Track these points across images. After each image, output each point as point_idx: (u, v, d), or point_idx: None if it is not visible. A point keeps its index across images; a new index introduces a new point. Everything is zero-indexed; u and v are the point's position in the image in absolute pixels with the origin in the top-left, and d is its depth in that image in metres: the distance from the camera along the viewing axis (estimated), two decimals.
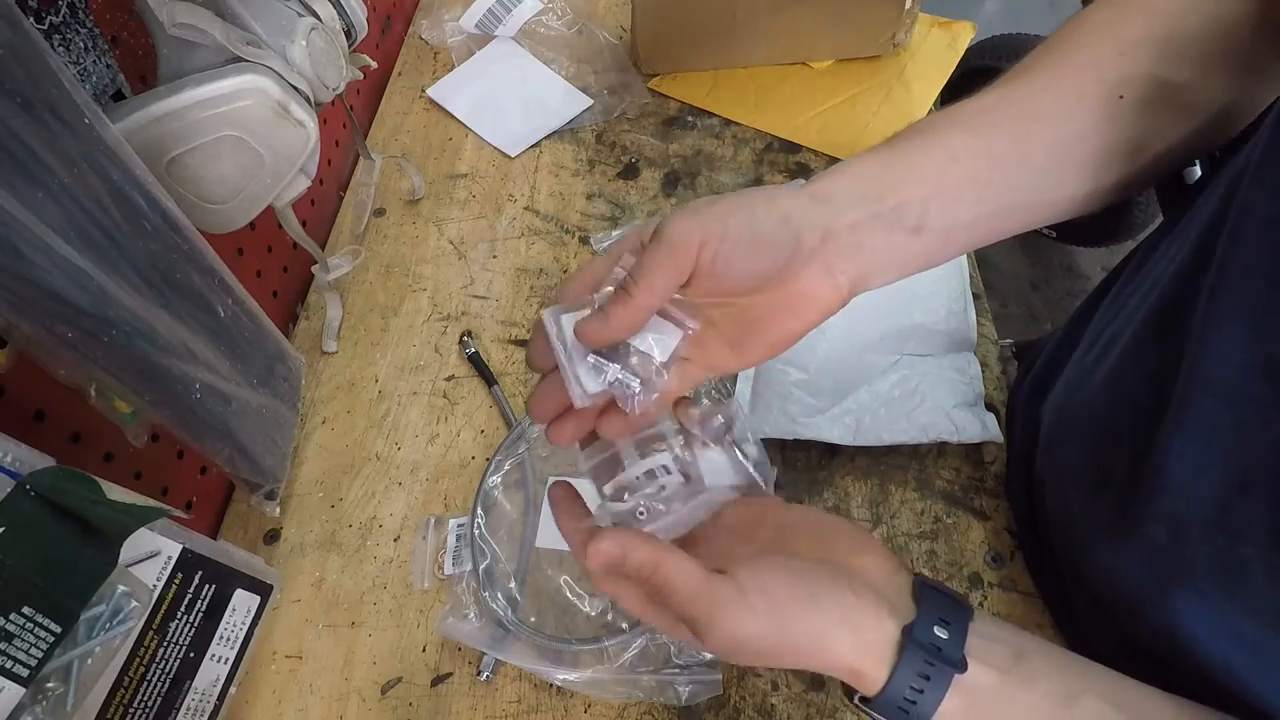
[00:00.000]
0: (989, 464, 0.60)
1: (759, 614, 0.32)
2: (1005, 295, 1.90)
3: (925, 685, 0.32)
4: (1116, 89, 0.40)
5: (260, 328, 0.56)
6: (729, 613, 0.32)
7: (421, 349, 0.70)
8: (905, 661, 0.32)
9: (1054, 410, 0.52)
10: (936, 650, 0.32)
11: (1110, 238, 1.82)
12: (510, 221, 0.79)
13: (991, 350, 0.66)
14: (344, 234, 0.78)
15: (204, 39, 0.46)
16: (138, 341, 0.41)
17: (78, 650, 0.35)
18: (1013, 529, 0.57)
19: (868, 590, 0.34)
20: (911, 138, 0.39)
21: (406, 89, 0.92)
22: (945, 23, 0.93)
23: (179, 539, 0.45)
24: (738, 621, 0.32)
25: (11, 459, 0.34)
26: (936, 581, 0.36)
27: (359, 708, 0.52)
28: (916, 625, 0.33)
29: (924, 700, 0.32)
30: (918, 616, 0.33)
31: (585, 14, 0.94)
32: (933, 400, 0.60)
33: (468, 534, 0.58)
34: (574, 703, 0.52)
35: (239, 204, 0.52)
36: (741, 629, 0.32)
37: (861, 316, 0.65)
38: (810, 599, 0.33)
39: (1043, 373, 0.56)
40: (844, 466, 0.61)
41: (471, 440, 0.64)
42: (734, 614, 0.32)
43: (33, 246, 0.34)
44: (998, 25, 1.69)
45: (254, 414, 0.54)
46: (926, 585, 0.35)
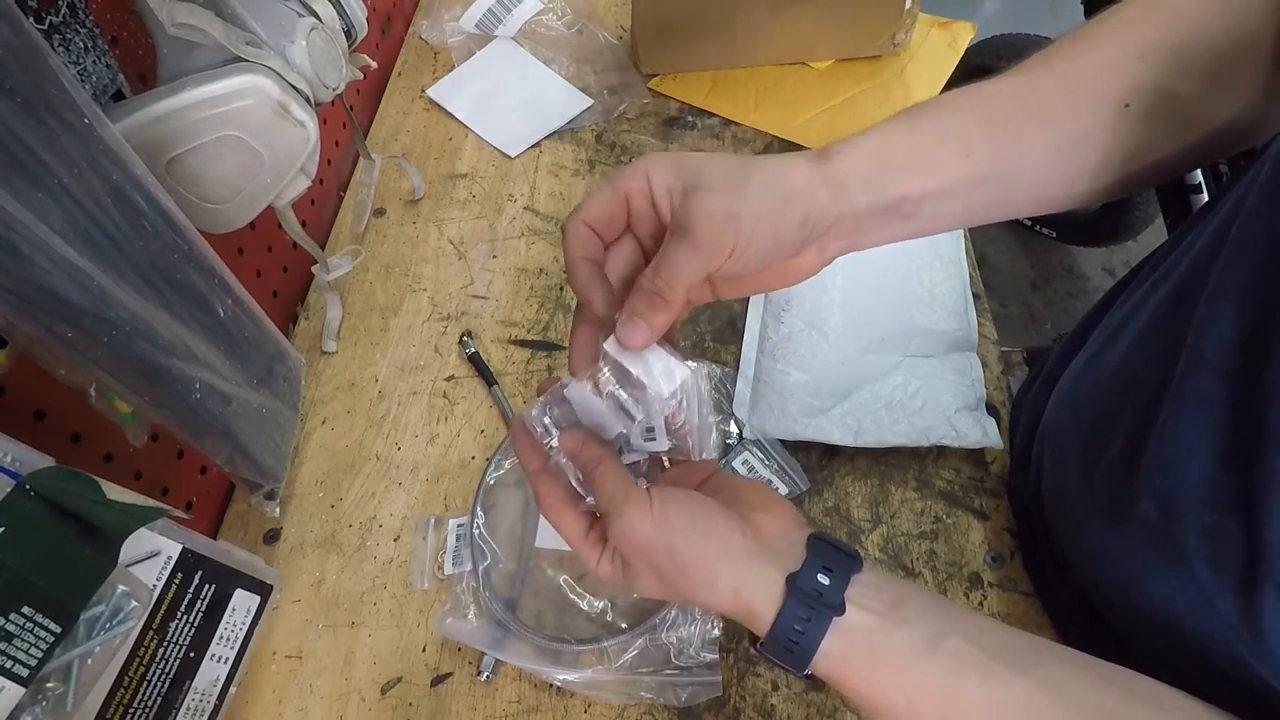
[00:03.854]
0: (989, 464, 0.60)
1: (654, 521, 0.36)
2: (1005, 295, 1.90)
3: (806, 626, 0.35)
4: (1125, 96, 0.41)
5: (260, 328, 0.56)
6: (632, 511, 0.36)
7: (421, 349, 0.70)
8: (789, 605, 0.35)
9: (1058, 398, 0.52)
10: (818, 595, 0.35)
11: (1110, 238, 1.82)
12: (510, 221, 0.79)
13: (992, 350, 0.66)
14: (344, 234, 0.78)
15: (204, 39, 0.46)
16: (138, 341, 0.41)
17: (78, 650, 0.35)
18: (1013, 529, 0.57)
19: (759, 540, 0.38)
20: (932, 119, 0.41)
21: (406, 89, 0.92)
22: (945, 23, 0.93)
23: (179, 539, 0.45)
24: (638, 521, 0.36)
25: (11, 459, 0.34)
26: (833, 538, 0.38)
27: (359, 708, 0.52)
28: (801, 574, 0.36)
29: (805, 640, 0.35)
30: (803, 566, 0.36)
31: (585, 14, 0.94)
32: (934, 403, 0.60)
33: (468, 534, 0.58)
34: (574, 703, 0.52)
35: (239, 204, 0.52)
36: (638, 529, 0.36)
37: (863, 318, 0.65)
38: (700, 527, 0.37)
39: (1053, 369, 0.56)
40: (844, 466, 0.61)
41: (471, 440, 0.64)
42: (636, 514, 0.36)
43: (33, 247, 0.34)
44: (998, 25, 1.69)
45: (254, 414, 0.54)
46: (819, 540, 0.38)
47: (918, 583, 0.55)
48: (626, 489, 0.37)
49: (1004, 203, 0.43)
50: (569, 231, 0.39)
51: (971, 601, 0.54)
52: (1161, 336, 0.40)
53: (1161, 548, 0.38)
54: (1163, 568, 0.38)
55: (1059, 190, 0.43)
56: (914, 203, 0.40)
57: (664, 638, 0.52)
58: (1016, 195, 0.43)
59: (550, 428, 0.40)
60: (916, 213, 0.40)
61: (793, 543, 0.38)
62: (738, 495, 0.40)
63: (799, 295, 0.67)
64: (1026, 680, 0.34)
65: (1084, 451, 0.46)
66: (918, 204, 0.40)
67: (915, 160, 0.40)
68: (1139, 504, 0.39)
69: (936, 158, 0.40)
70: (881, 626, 0.35)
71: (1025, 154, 0.41)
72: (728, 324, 0.70)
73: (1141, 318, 0.44)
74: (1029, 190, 0.43)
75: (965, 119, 0.41)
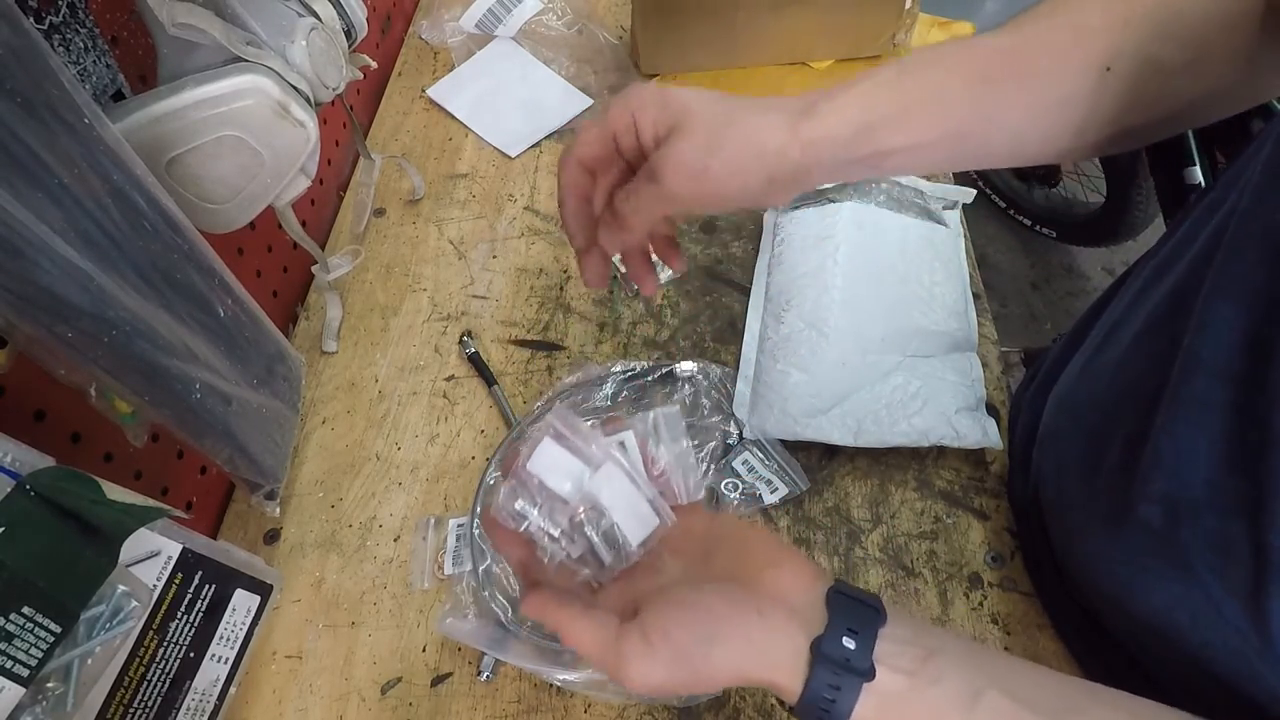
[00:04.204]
0: (989, 464, 0.60)
1: (664, 659, 0.34)
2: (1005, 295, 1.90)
3: (837, 695, 0.33)
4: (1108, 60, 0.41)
5: (260, 328, 0.56)
6: (637, 664, 0.34)
7: (421, 349, 0.70)
8: (816, 675, 0.33)
9: (1056, 401, 0.52)
10: (845, 661, 0.33)
11: (1110, 238, 1.82)
12: (510, 221, 0.79)
13: (991, 350, 0.66)
14: (344, 234, 0.78)
15: (204, 39, 0.46)
16: (138, 341, 0.41)
17: (78, 650, 0.35)
18: (1013, 529, 0.57)
19: (777, 608, 0.35)
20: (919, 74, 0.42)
21: (406, 89, 0.92)
22: (945, 23, 0.93)
23: (179, 539, 0.45)
24: (648, 670, 0.34)
25: (11, 459, 0.34)
26: (851, 588, 0.37)
27: (359, 708, 0.52)
28: (825, 639, 0.34)
29: (837, 708, 0.33)
30: (826, 629, 0.34)
31: (585, 14, 0.94)
32: (934, 403, 0.60)
33: (468, 534, 0.58)
34: (574, 703, 0.52)
35: (239, 204, 0.52)
36: (651, 676, 0.34)
37: (863, 318, 0.65)
38: (712, 637, 0.34)
39: (1051, 369, 0.56)
40: (844, 466, 0.61)
41: (471, 440, 0.64)
42: (642, 664, 0.34)
43: (33, 247, 0.34)
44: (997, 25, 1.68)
45: (254, 414, 0.54)
46: (840, 593, 0.36)
47: (917, 582, 0.55)
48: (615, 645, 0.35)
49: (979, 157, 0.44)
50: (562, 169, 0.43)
51: (971, 601, 0.54)
52: (1159, 337, 0.40)
53: (1164, 553, 0.38)
54: (1165, 573, 0.38)
55: (1037, 148, 0.44)
56: (884, 155, 0.41)
57: None
58: (993, 150, 0.44)
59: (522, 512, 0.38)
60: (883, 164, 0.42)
61: (812, 602, 0.36)
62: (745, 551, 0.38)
63: (799, 295, 0.67)
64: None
65: (1083, 455, 0.46)
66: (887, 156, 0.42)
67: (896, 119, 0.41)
68: (1140, 508, 0.38)
69: (920, 114, 0.42)
70: (914, 685, 0.34)
71: (1005, 113, 0.42)
72: (728, 324, 0.70)
73: (1138, 318, 0.44)
74: (1006, 146, 0.44)
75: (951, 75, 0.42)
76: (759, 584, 0.36)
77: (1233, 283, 0.34)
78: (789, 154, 0.40)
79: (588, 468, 0.38)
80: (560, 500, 0.38)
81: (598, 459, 0.38)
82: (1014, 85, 0.42)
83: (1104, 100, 0.42)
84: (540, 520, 0.38)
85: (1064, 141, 0.44)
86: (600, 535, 0.38)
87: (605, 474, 0.38)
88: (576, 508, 0.38)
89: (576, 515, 0.38)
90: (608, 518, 0.38)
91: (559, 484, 0.38)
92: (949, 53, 0.43)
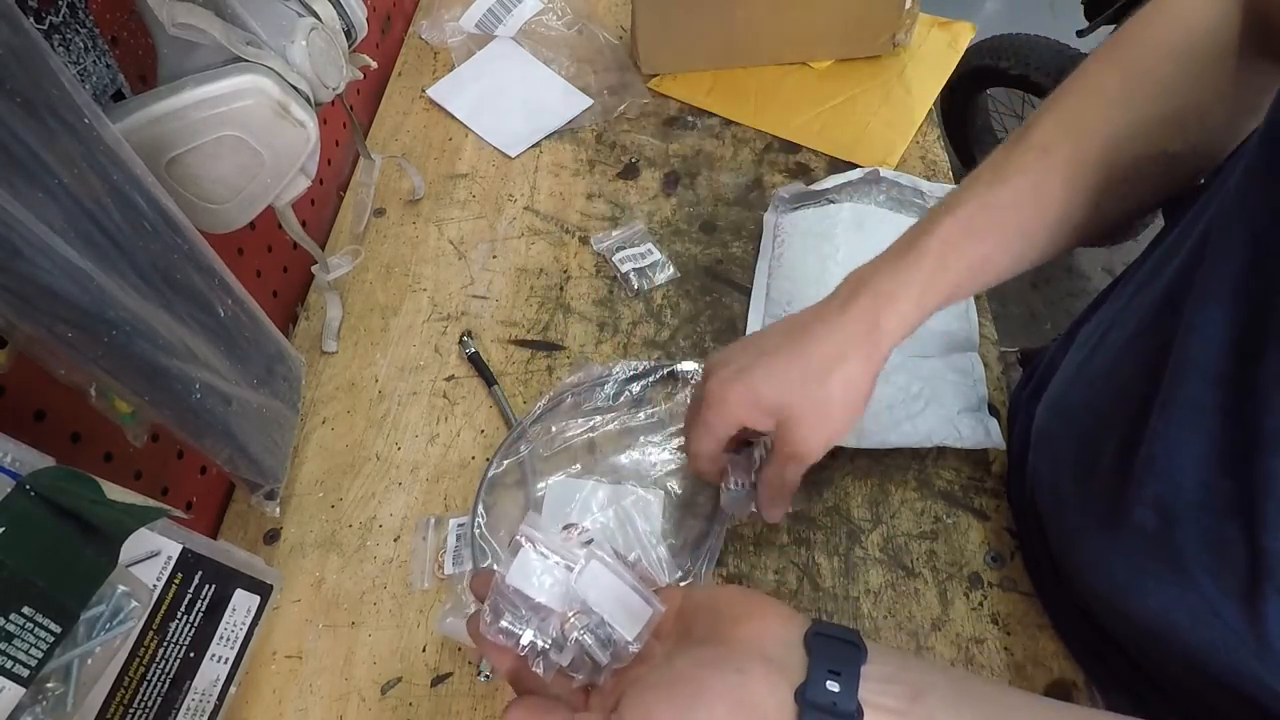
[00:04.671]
0: (989, 464, 0.60)
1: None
2: (1005, 295, 1.90)
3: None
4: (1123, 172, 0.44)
5: (260, 328, 0.56)
6: None
7: (421, 349, 0.70)
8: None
9: (1050, 404, 0.52)
10: (831, 705, 0.32)
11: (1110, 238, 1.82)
12: (510, 221, 0.79)
13: (992, 350, 0.66)
14: (344, 234, 0.78)
15: (204, 39, 0.46)
16: (138, 341, 0.41)
17: (78, 650, 0.35)
18: (1013, 529, 0.57)
19: (755, 662, 0.34)
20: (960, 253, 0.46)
21: (406, 89, 0.92)
22: (945, 23, 0.93)
23: (179, 539, 0.45)
24: None
25: (11, 459, 0.34)
26: (828, 626, 0.36)
27: (359, 708, 0.52)
28: (808, 686, 0.33)
29: None
30: (808, 676, 0.33)
31: (585, 14, 0.94)
32: (937, 404, 0.60)
33: (468, 534, 0.58)
34: None
35: (239, 204, 0.52)
36: None
37: None
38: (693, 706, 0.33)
39: (1044, 373, 0.56)
40: (844, 466, 0.61)
41: (471, 440, 0.64)
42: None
43: (33, 246, 0.34)
44: (998, 25, 1.69)
45: (254, 414, 0.54)
46: (818, 635, 0.35)
47: (917, 582, 0.55)
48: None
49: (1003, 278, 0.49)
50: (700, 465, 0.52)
51: (971, 601, 0.54)
52: (1150, 341, 0.40)
53: (1160, 555, 0.38)
54: (1162, 576, 0.38)
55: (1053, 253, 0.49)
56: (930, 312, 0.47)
57: None
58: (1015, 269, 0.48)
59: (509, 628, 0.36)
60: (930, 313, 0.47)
61: (789, 647, 0.35)
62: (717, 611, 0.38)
63: (800, 296, 0.67)
64: None
65: (1077, 459, 0.46)
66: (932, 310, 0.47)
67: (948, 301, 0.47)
68: (1135, 512, 0.39)
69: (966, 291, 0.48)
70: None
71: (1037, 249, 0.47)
72: (728, 324, 0.70)
73: (1130, 322, 0.44)
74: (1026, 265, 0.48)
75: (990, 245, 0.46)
76: (734, 640, 0.35)
77: (1220, 285, 0.34)
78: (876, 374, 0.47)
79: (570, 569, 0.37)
80: (546, 610, 0.36)
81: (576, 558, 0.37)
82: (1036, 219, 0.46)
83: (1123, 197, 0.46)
84: (530, 635, 0.36)
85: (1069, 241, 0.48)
86: (593, 637, 0.36)
87: (590, 572, 0.37)
88: (565, 613, 0.36)
89: (566, 620, 0.36)
90: (597, 616, 0.36)
91: (541, 593, 0.36)
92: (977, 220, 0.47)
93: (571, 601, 0.36)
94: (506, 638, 0.36)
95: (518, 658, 0.37)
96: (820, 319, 0.47)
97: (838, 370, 0.46)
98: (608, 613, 0.36)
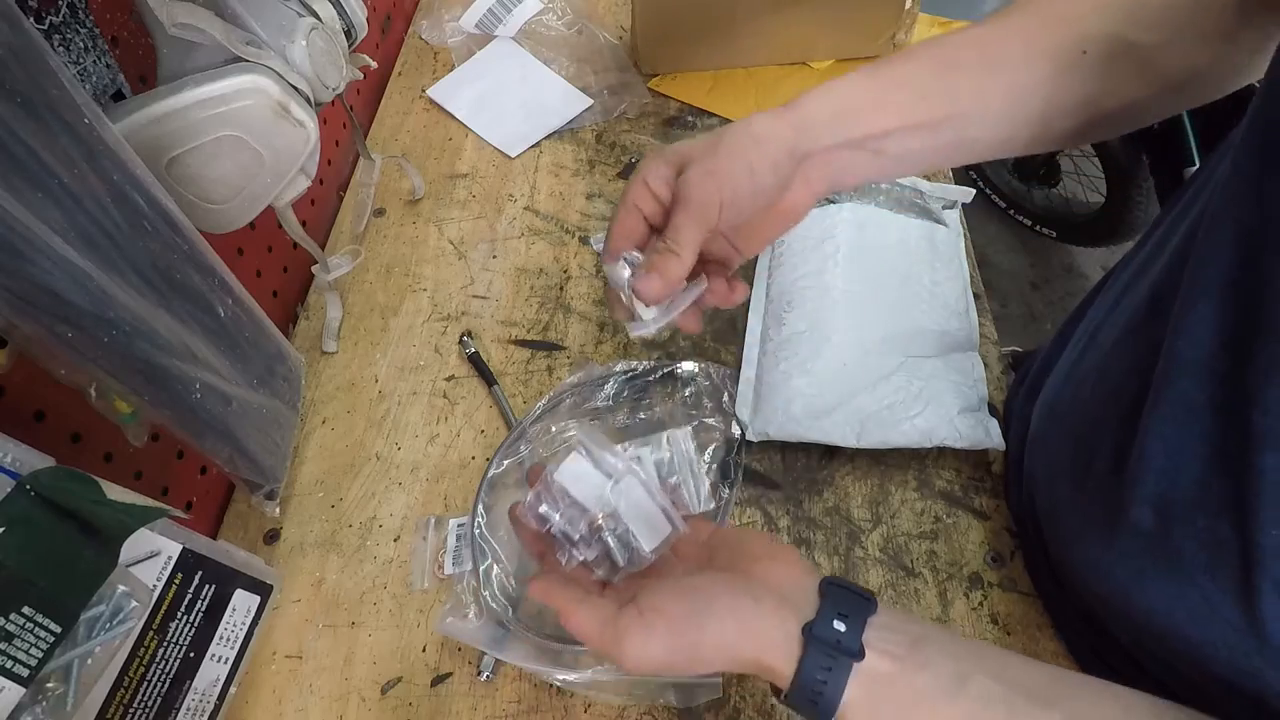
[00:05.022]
0: (989, 464, 0.60)
1: (659, 633, 0.36)
2: (1005, 295, 1.90)
3: (828, 676, 0.34)
4: (1082, 44, 0.43)
5: (260, 328, 0.56)
6: (632, 638, 0.36)
7: (421, 349, 0.70)
8: (809, 655, 0.35)
9: (1044, 407, 0.52)
10: (836, 643, 0.35)
11: (1110, 238, 1.82)
12: (510, 221, 0.79)
13: (992, 350, 0.66)
14: (344, 234, 0.78)
15: (204, 39, 0.46)
16: (138, 341, 0.41)
17: (78, 650, 0.35)
18: (1013, 529, 0.57)
19: (769, 594, 0.37)
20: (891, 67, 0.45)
21: (406, 89, 0.92)
22: (945, 23, 0.93)
23: (179, 539, 0.45)
24: (642, 644, 0.36)
25: (11, 459, 0.34)
26: (844, 580, 0.38)
27: (359, 708, 0.52)
28: (817, 622, 0.35)
29: (829, 690, 0.34)
30: (818, 613, 0.36)
31: (585, 14, 0.94)
32: (937, 404, 0.60)
33: (468, 534, 0.58)
34: (574, 703, 0.52)
35: (239, 204, 0.52)
36: (646, 650, 0.35)
37: (864, 318, 0.65)
38: (704, 611, 0.36)
39: (1038, 375, 0.56)
40: (844, 466, 0.61)
41: (471, 440, 0.64)
42: (637, 639, 0.36)
43: (33, 246, 0.34)
44: None
45: (254, 414, 0.54)
46: (832, 584, 0.38)
47: (917, 582, 0.55)
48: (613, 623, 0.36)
49: (968, 142, 0.46)
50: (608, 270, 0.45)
51: (971, 601, 0.54)
52: (1139, 340, 0.40)
53: (1157, 555, 0.38)
54: (1160, 576, 0.38)
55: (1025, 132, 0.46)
56: (878, 139, 0.44)
57: None
58: (979, 135, 0.46)
59: (546, 516, 0.41)
60: (883, 150, 0.44)
61: (805, 590, 0.38)
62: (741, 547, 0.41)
63: (800, 297, 0.67)
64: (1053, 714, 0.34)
65: (1072, 461, 0.46)
66: (881, 141, 0.44)
67: (874, 102, 0.44)
68: (1131, 512, 0.39)
69: (895, 99, 0.44)
70: (903, 670, 0.35)
71: (981, 98, 0.44)
72: (728, 324, 0.70)
73: (1118, 322, 0.44)
74: (991, 131, 0.45)
75: (922, 66, 0.45)
76: (753, 575, 0.38)
77: (1209, 283, 0.34)
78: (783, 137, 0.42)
79: (608, 480, 0.41)
80: (582, 508, 0.41)
81: (618, 472, 0.41)
82: (984, 71, 0.44)
83: (1082, 82, 0.43)
84: (562, 525, 0.41)
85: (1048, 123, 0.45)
86: (616, 540, 0.41)
87: (624, 486, 0.41)
88: (595, 515, 0.41)
89: (595, 521, 0.41)
90: (624, 525, 0.41)
91: (583, 494, 0.41)
92: (918, 47, 0.46)
93: (604, 506, 0.41)
94: (540, 523, 0.41)
95: (546, 543, 0.41)
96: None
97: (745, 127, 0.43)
98: (633, 523, 0.41)
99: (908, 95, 0.44)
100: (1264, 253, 0.31)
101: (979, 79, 0.44)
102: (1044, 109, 0.44)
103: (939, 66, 0.45)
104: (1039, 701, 0.34)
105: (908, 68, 0.45)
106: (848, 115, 0.44)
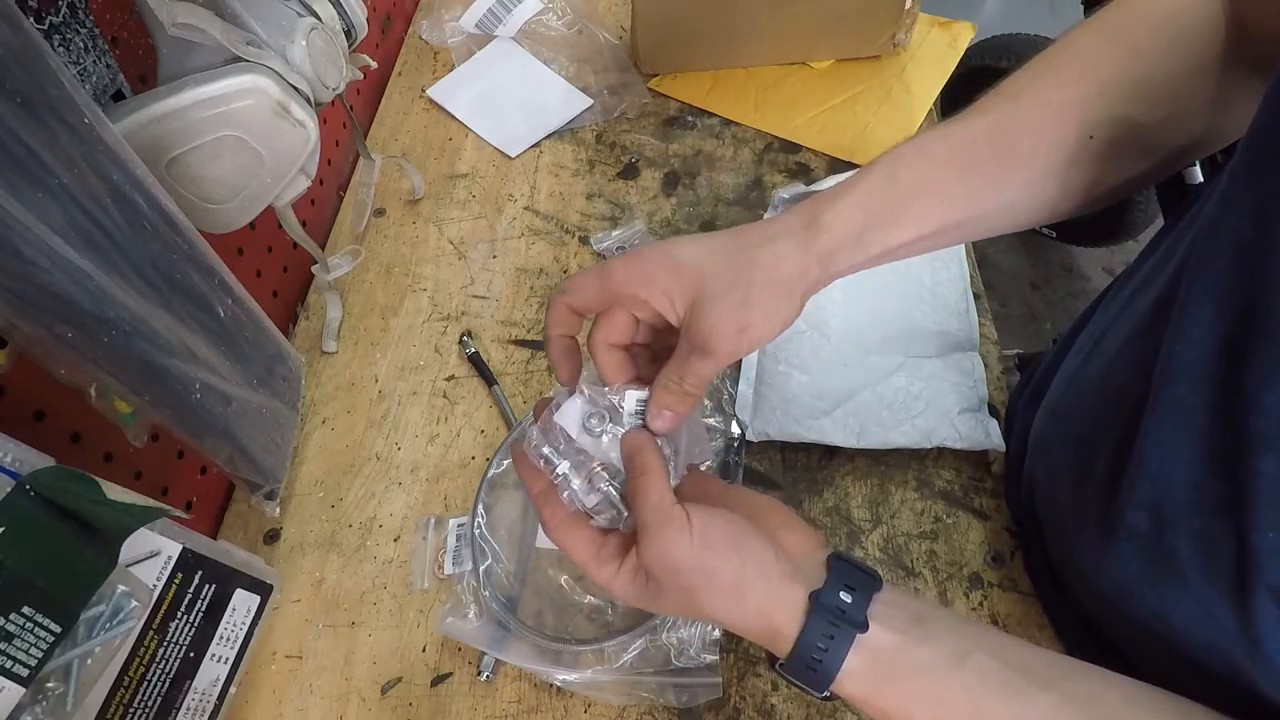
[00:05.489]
0: (989, 464, 0.60)
1: (692, 543, 0.36)
2: (1005, 295, 1.90)
3: (830, 644, 0.35)
4: (1088, 129, 0.43)
5: (260, 328, 0.56)
6: (670, 531, 0.36)
7: (421, 349, 0.70)
8: (812, 622, 0.35)
9: (1047, 410, 0.52)
10: (840, 612, 0.35)
11: (1110, 238, 1.82)
12: (510, 221, 0.79)
13: (992, 351, 0.66)
14: (344, 234, 0.78)
15: (204, 39, 0.46)
16: (138, 341, 0.41)
17: (78, 650, 0.35)
18: (1012, 529, 0.57)
19: (786, 559, 0.38)
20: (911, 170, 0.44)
21: (406, 89, 0.92)
22: (945, 23, 0.93)
23: (179, 539, 0.45)
24: (674, 541, 0.36)
25: (11, 459, 0.34)
26: (852, 556, 0.39)
27: (359, 708, 0.52)
28: (824, 591, 0.36)
29: (829, 658, 0.35)
30: (825, 584, 0.36)
31: (585, 14, 0.94)
32: (937, 404, 0.60)
33: (468, 534, 0.58)
34: (574, 703, 0.52)
35: (239, 204, 0.52)
36: (675, 550, 0.36)
37: (864, 319, 0.65)
38: (738, 545, 0.37)
39: (1041, 378, 0.57)
40: (844, 466, 0.61)
41: (471, 440, 0.64)
42: (674, 534, 0.36)
43: (33, 246, 0.34)
44: (998, 25, 1.68)
45: (254, 414, 0.54)
46: (840, 559, 0.38)
47: (917, 582, 0.55)
48: (669, 508, 0.37)
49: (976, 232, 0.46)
50: (552, 308, 0.43)
51: (971, 601, 0.54)
52: (1142, 346, 0.40)
53: (1154, 557, 0.38)
54: (1156, 578, 0.38)
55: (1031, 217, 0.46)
56: (892, 250, 0.43)
57: (664, 638, 0.52)
58: (991, 226, 0.46)
59: (551, 456, 0.41)
60: (893, 255, 0.44)
61: (815, 562, 0.38)
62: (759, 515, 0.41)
63: None
64: (1051, 695, 0.34)
65: (1072, 464, 0.46)
66: (895, 251, 0.44)
67: (896, 216, 0.43)
68: (1128, 514, 0.39)
69: (916, 210, 0.43)
70: (905, 644, 0.35)
71: (998, 195, 0.44)
72: None
73: (1123, 328, 0.45)
74: (999, 222, 0.46)
75: (941, 168, 0.44)
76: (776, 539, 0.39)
77: (1207, 288, 0.34)
78: (811, 273, 0.42)
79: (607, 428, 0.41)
80: (582, 454, 0.41)
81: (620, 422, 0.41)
82: (999, 169, 0.44)
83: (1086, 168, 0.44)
84: (565, 468, 0.41)
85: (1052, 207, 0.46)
86: (616, 490, 0.41)
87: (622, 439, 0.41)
88: (594, 464, 0.41)
89: (595, 469, 0.41)
90: (623, 475, 0.41)
91: (580, 438, 0.41)
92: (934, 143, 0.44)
93: (605, 455, 0.41)
94: (544, 464, 0.41)
95: (549, 483, 0.41)
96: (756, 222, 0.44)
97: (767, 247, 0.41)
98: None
99: (930, 204, 0.43)
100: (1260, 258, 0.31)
101: (996, 177, 0.44)
102: (1054, 198, 0.45)
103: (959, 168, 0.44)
104: (1038, 682, 0.34)
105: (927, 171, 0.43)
106: (869, 233, 0.42)
